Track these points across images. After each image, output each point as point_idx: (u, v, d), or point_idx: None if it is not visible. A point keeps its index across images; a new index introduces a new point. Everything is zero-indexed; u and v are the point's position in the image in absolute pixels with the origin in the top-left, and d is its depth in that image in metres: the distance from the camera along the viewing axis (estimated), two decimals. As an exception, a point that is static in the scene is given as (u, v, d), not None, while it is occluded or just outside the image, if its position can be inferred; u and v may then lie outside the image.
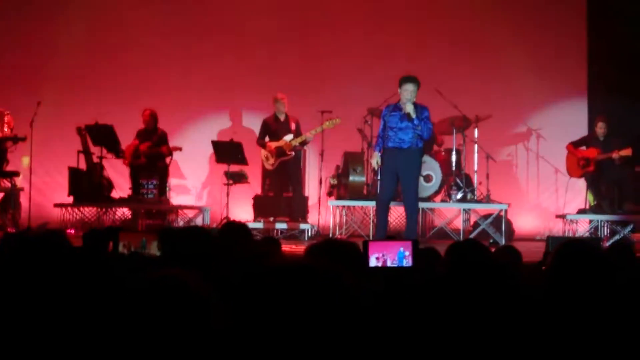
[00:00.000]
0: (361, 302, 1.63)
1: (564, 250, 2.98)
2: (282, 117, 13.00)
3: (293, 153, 12.73)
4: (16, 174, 12.79)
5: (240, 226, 5.66)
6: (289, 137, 12.80)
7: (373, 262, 3.97)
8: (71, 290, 2.39)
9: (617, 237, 12.52)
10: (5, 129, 12.84)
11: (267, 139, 13.00)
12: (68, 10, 15.12)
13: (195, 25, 15.03)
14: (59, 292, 2.38)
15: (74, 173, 13.04)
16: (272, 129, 12.99)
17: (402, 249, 4.05)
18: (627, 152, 12.51)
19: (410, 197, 10.66)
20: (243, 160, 12.91)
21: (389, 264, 4.00)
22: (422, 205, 12.71)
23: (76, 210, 13.03)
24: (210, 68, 14.84)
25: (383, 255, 4.02)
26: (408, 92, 10.39)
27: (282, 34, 14.99)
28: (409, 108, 10.35)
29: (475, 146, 13.01)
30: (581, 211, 13.15)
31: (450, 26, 15.03)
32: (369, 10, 15.19)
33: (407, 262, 4.03)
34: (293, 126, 12.94)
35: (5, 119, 12.90)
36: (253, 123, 13.85)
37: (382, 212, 10.85)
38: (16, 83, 14.63)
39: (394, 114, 10.53)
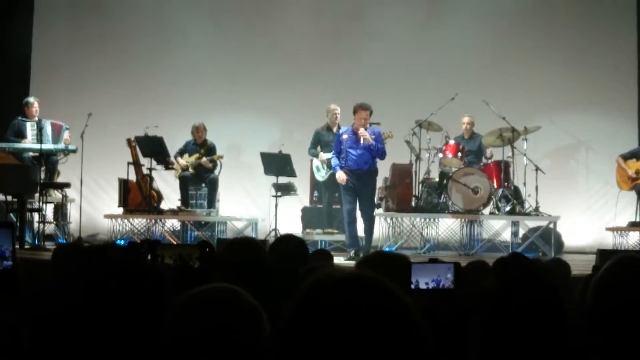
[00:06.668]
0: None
1: (617, 263, 2.90)
2: (334, 129, 12.93)
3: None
4: (67, 185, 12.90)
5: (296, 239, 5.62)
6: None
7: (416, 285, 3.96)
8: (122, 300, 2.42)
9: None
10: (61, 143, 12.91)
11: (319, 149, 12.96)
12: (120, 25, 15.29)
13: (243, 39, 15.12)
14: (111, 302, 2.42)
15: (123, 184, 13.15)
16: (325, 140, 12.92)
17: (444, 271, 4.04)
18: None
19: (369, 212, 11.44)
20: (292, 172, 12.92)
21: (430, 285, 3.98)
22: (470, 217, 12.68)
23: (126, 221, 13.14)
24: (259, 79, 14.92)
25: (430, 279, 4.01)
26: (362, 119, 11.09)
27: (330, 44, 15.04)
28: (365, 134, 11.03)
29: (524, 158, 12.92)
30: (632, 224, 12.98)
31: (497, 37, 14.98)
32: (415, 23, 15.20)
33: (449, 284, 4.02)
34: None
35: (65, 134, 12.98)
36: (302, 134, 13.88)
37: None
38: (68, 95, 14.82)
39: (351, 137, 11.18)
